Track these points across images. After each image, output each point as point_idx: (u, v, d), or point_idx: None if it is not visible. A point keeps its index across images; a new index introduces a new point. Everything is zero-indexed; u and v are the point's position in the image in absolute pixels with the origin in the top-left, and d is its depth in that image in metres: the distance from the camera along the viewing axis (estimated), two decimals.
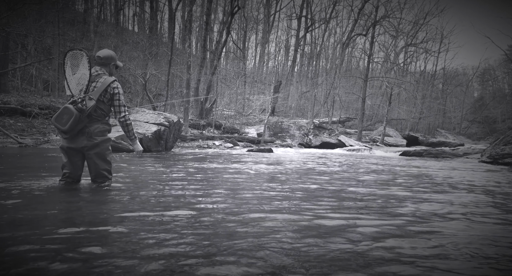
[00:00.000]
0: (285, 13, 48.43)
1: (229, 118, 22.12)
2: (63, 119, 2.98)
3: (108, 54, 3.35)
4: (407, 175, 5.83)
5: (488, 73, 50.40)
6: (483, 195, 3.75)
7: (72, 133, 3.07)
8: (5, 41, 14.32)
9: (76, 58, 3.17)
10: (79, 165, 3.30)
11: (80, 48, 3.22)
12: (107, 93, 3.23)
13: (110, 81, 3.23)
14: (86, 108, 3.04)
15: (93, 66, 3.25)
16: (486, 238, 1.99)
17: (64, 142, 3.19)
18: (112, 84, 3.24)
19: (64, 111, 2.99)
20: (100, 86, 3.18)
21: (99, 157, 3.25)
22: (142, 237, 1.77)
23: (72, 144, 3.16)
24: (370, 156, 13.29)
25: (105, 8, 28.95)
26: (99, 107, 3.19)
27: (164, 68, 19.51)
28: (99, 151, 3.23)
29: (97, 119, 3.21)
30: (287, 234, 1.89)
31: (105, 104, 3.26)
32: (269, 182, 4.22)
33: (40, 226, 1.91)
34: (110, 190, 3.19)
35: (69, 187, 3.21)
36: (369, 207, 2.81)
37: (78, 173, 3.32)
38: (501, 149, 9.81)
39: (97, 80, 3.21)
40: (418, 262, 1.55)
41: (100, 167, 3.27)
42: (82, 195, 2.97)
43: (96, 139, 3.18)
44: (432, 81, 40.05)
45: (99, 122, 3.23)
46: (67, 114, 2.98)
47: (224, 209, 2.55)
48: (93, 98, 3.11)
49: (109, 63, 3.37)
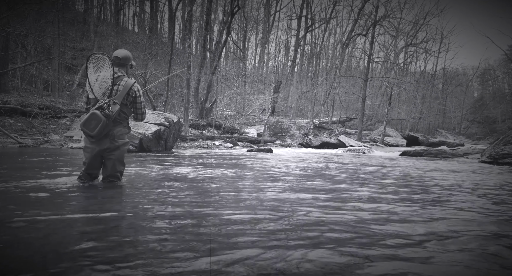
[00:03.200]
0: (285, 13, 48.56)
1: (229, 118, 22.13)
2: (91, 125, 3.09)
3: (126, 55, 3.39)
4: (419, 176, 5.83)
5: (488, 73, 50.43)
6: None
7: (99, 137, 3.20)
8: (5, 41, 14.32)
9: (99, 62, 3.22)
10: (98, 164, 3.43)
11: (102, 53, 3.28)
12: (129, 97, 3.32)
13: (131, 84, 3.29)
14: (112, 113, 3.13)
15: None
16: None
17: (88, 144, 3.30)
18: (133, 88, 3.32)
19: (92, 117, 3.09)
20: (123, 90, 3.25)
21: (117, 159, 3.39)
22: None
23: (96, 146, 3.27)
24: (370, 156, 13.29)
25: (105, 8, 28.99)
26: (122, 111, 3.30)
27: (164, 68, 19.52)
28: (119, 153, 3.38)
29: (120, 122, 3.33)
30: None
31: (127, 107, 3.36)
32: (269, 182, 4.22)
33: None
34: (120, 187, 3.21)
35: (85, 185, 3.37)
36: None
37: (96, 172, 3.48)
38: (501, 149, 9.81)
39: (118, 83, 3.25)
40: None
41: (117, 168, 3.43)
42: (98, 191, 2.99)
43: (118, 142, 3.32)
44: (432, 81, 40.07)
45: (121, 125, 3.35)
46: (95, 120, 3.08)
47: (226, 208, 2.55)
48: (117, 102, 3.19)
49: (127, 63, 3.43)
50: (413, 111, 31.35)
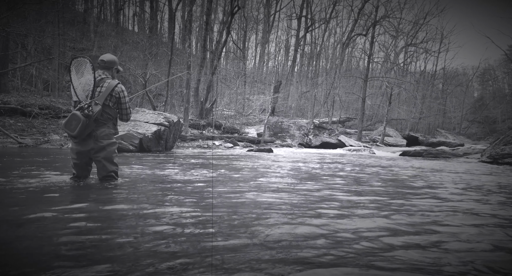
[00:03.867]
0: (285, 13, 48.54)
1: (229, 118, 22.12)
2: (71, 125, 3.15)
3: (111, 59, 3.49)
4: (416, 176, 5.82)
5: (488, 73, 50.41)
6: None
7: (81, 138, 3.25)
8: (5, 41, 14.31)
9: (81, 65, 3.30)
10: (86, 166, 3.49)
11: (83, 56, 3.37)
12: (113, 97, 3.37)
13: (114, 85, 3.36)
14: (92, 113, 3.20)
15: (96, 70, 3.37)
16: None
17: (73, 145, 3.38)
18: (116, 88, 3.37)
19: (72, 118, 3.16)
20: (105, 90, 3.31)
21: (106, 159, 3.41)
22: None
23: (81, 147, 3.34)
24: (370, 156, 13.29)
25: (105, 8, 28.97)
26: (105, 111, 3.34)
27: (164, 68, 19.51)
28: (106, 154, 3.39)
29: (103, 123, 3.35)
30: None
31: (111, 108, 3.40)
32: (270, 181, 4.22)
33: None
34: (113, 188, 3.20)
35: (77, 185, 3.38)
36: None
37: (85, 173, 3.52)
38: (501, 149, 9.82)
39: (101, 85, 3.33)
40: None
41: (108, 169, 3.45)
42: (90, 193, 2.99)
43: (102, 142, 3.34)
44: (432, 81, 40.05)
45: (105, 126, 3.37)
46: (75, 120, 3.14)
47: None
48: (99, 103, 3.26)
49: (112, 67, 3.50)
50: (413, 111, 31.33)
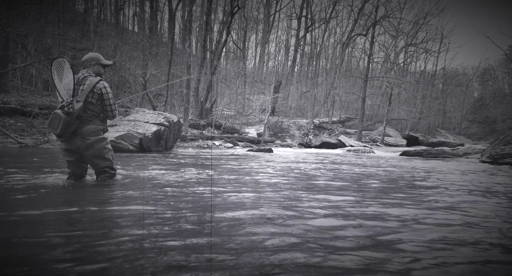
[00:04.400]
0: (285, 13, 48.56)
1: (229, 118, 22.13)
2: (54, 124, 3.18)
3: (88, 57, 3.48)
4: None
5: (488, 73, 50.43)
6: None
7: (66, 136, 3.27)
8: (5, 41, 14.32)
9: (61, 66, 3.34)
10: (78, 165, 3.49)
11: (62, 56, 3.41)
12: (95, 94, 3.35)
13: (95, 82, 3.35)
14: (73, 111, 3.20)
15: (81, 70, 3.45)
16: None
17: (62, 145, 3.43)
18: (98, 85, 3.35)
19: (54, 117, 3.19)
20: (86, 88, 3.31)
21: (96, 156, 3.40)
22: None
23: (68, 146, 3.37)
24: (370, 156, 13.29)
25: (105, 8, 28.96)
26: (88, 108, 3.33)
27: (164, 68, 19.51)
28: (95, 151, 3.37)
29: (88, 120, 3.35)
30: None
31: (95, 105, 3.38)
32: (271, 180, 4.22)
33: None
34: (110, 186, 3.20)
35: (73, 184, 3.40)
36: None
37: (79, 171, 3.53)
38: (501, 149, 9.81)
39: (83, 83, 3.35)
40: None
41: (100, 165, 3.44)
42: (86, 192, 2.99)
43: (89, 139, 3.33)
44: (432, 81, 40.06)
45: (91, 122, 3.36)
46: (57, 119, 3.17)
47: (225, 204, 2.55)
48: (80, 100, 3.26)
49: (90, 63, 3.48)
50: (413, 111, 31.34)
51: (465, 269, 1.47)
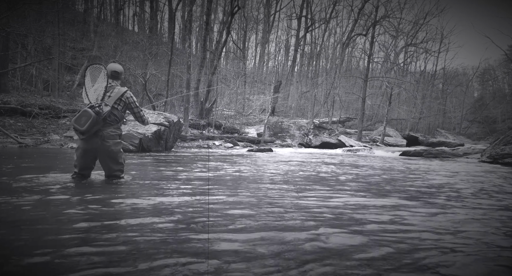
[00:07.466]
0: (285, 13, 48.67)
1: (229, 118, 22.12)
2: (81, 121, 3.32)
3: (122, 70, 3.83)
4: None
5: (488, 73, 50.39)
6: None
7: (88, 134, 3.41)
8: (5, 41, 14.32)
9: (98, 71, 3.54)
10: (90, 165, 3.65)
11: (99, 63, 3.65)
12: (122, 102, 3.65)
13: (123, 91, 3.64)
14: (102, 112, 3.42)
15: (108, 77, 3.64)
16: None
17: (79, 143, 3.55)
18: (126, 94, 3.67)
19: (83, 114, 3.33)
20: (115, 95, 3.59)
21: (111, 159, 3.61)
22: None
23: (86, 145, 3.50)
24: (370, 156, 13.29)
25: (105, 8, 28.97)
26: (113, 113, 3.57)
27: (164, 68, 19.51)
28: (111, 154, 3.57)
29: (110, 124, 3.56)
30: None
31: (119, 111, 3.63)
32: (271, 180, 4.22)
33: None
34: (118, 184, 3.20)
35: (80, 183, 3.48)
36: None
37: (87, 172, 3.69)
38: (501, 149, 9.82)
39: (110, 91, 3.61)
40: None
41: (113, 168, 3.66)
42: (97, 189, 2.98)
43: (108, 142, 3.52)
44: (432, 81, 40.03)
45: (112, 126, 3.58)
46: (86, 116, 3.32)
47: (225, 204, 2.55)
48: (108, 105, 3.52)
49: (122, 77, 3.85)
50: (413, 111, 31.32)
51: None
